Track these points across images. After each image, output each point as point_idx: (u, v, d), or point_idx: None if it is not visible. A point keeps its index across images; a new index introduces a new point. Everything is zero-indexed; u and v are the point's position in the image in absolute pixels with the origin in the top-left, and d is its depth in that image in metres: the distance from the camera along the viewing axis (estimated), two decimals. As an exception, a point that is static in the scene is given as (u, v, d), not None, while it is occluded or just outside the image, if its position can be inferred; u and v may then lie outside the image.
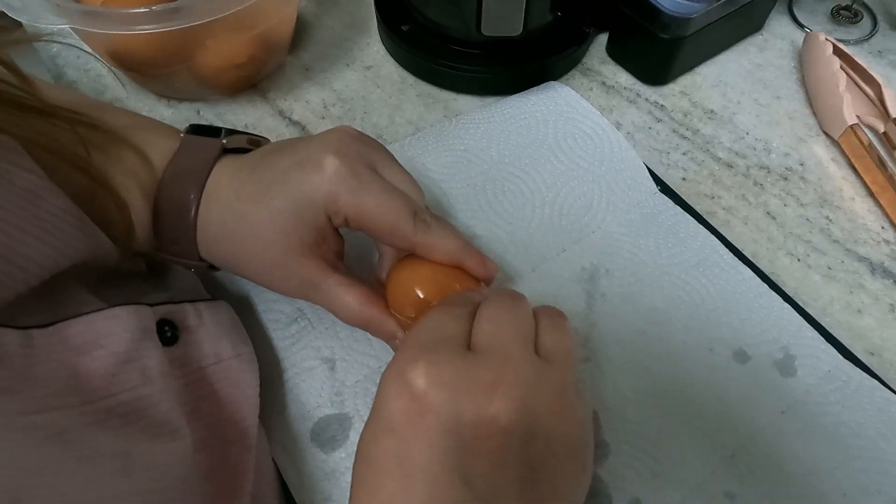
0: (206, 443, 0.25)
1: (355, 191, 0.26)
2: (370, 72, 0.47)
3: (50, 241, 0.22)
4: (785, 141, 0.43)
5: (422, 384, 0.21)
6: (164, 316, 0.27)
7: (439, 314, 0.24)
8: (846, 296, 0.36)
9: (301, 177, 0.27)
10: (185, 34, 0.37)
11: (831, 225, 0.39)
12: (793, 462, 0.30)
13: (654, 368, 0.33)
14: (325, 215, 0.27)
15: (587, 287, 0.35)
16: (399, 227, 0.27)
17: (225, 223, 0.28)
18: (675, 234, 0.37)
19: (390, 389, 0.22)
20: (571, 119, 0.42)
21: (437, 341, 0.23)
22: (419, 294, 0.27)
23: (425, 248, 0.27)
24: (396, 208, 0.27)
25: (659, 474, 0.30)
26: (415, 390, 0.21)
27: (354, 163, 0.27)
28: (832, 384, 0.32)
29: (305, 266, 0.28)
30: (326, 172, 0.26)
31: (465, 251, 0.28)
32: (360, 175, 0.27)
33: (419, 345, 0.23)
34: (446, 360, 0.22)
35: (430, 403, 0.21)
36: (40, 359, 0.21)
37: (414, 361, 0.22)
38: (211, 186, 0.28)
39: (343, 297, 0.28)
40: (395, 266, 0.29)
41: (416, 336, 0.23)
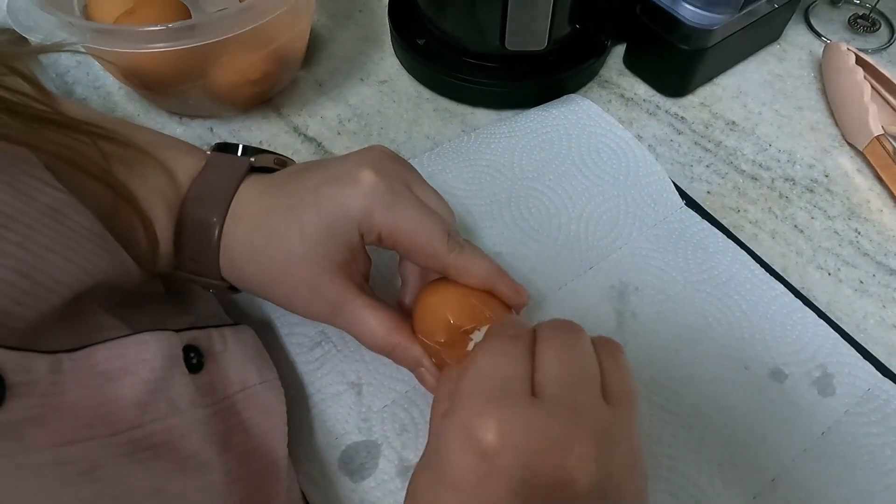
0: (237, 475, 0.24)
1: (392, 207, 0.26)
2: (385, 86, 0.46)
3: (75, 260, 0.21)
4: (809, 152, 0.43)
5: (492, 442, 0.20)
6: (190, 342, 0.26)
7: (497, 355, 0.22)
8: (880, 310, 0.36)
9: (336, 190, 0.26)
10: (201, 51, 0.36)
11: (860, 237, 0.39)
12: (836, 486, 0.29)
13: (689, 389, 0.32)
14: (357, 231, 0.26)
15: (617, 306, 0.35)
16: (433, 246, 0.26)
17: (252, 240, 0.27)
18: (705, 250, 0.36)
19: (455, 444, 0.20)
20: (594, 133, 0.41)
21: (502, 390, 0.21)
22: (450, 319, 0.26)
23: (458, 269, 0.26)
24: (431, 227, 0.26)
25: (700, 501, 0.29)
26: (485, 448, 0.20)
27: (391, 179, 0.26)
28: (873, 403, 0.31)
29: (334, 286, 0.27)
30: (363, 186, 0.26)
31: (498, 275, 0.27)
32: (397, 192, 0.26)
33: (485, 396, 0.21)
34: (516, 416, 0.20)
35: (501, 465, 0.19)
36: (69, 385, 0.20)
37: (482, 416, 0.20)
38: (238, 204, 0.27)
39: (368, 320, 0.27)
40: (423, 289, 0.28)
41: (477, 383, 0.21)
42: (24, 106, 0.23)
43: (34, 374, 0.20)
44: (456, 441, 0.20)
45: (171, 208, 0.28)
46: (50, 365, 0.20)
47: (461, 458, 0.20)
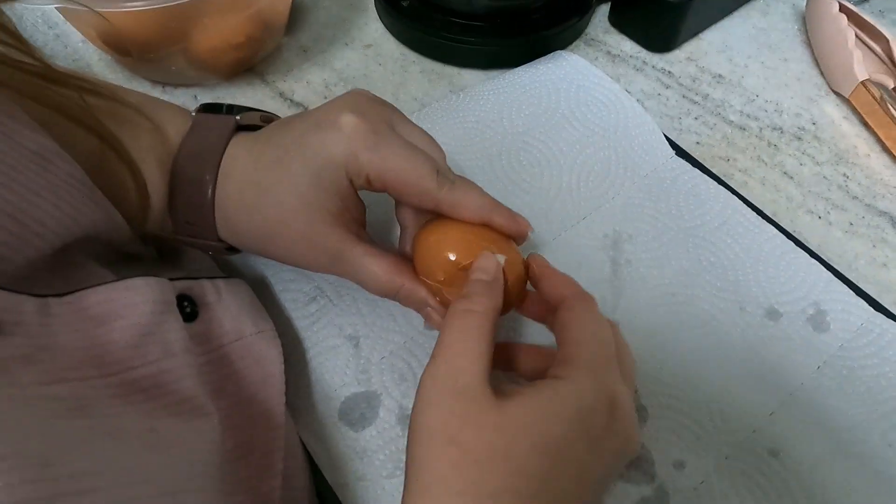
0: (233, 422, 0.24)
1: (376, 147, 0.25)
2: (370, 50, 0.46)
3: (61, 207, 0.21)
4: (795, 102, 0.43)
5: (625, 402, 0.22)
6: (183, 291, 0.25)
7: (609, 333, 0.24)
8: (870, 250, 0.36)
9: (319, 138, 0.25)
10: (180, 13, 0.36)
11: (849, 181, 0.39)
12: (834, 417, 0.29)
13: (687, 331, 0.32)
14: (346, 176, 0.26)
15: (611, 254, 0.35)
16: (423, 183, 0.25)
17: (244, 196, 0.27)
18: (696, 197, 0.37)
19: (591, 394, 0.22)
20: (583, 87, 0.41)
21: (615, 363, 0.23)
22: (450, 256, 0.26)
23: (451, 205, 0.26)
24: (419, 164, 0.25)
25: (700, 436, 0.29)
26: (619, 406, 0.22)
27: (373, 120, 0.26)
28: (866, 337, 0.32)
29: (330, 236, 0.26)
30: (344, 130, 0.25)
31: (493, 207, 0.26)
32: (380, 132, 0.25)
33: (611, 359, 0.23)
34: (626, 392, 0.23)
35: (619, 427, 0.22)
36: (59, 328, 0.20)
37: (617, 382, 0.23)
38: (227, 162, 0.27)
39: (371, 266, 0.27)
40: (421, 230, 0.27)
41: (606, 348, 0.23)
42: (7, 58, 0.22)
43: (23, 314, 0.19)
44: (594, 392, 0.22)
45: (162, 165, 0.27)
46: (39, 307, 0.20)
47: (599, 407, 0.22)
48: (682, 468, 0.28)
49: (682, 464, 0.28)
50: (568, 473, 0.21)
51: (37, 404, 0.17)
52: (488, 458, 0.20)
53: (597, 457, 0.21)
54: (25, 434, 0.16)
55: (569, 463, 0.21)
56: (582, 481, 0.21)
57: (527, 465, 0.20)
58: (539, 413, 0.21)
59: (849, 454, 0.28)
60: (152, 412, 0.21)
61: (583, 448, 0.21)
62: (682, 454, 0.28)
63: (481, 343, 0.22)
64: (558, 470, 0.20)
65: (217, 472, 0.21)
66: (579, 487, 0.21)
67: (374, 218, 0.34)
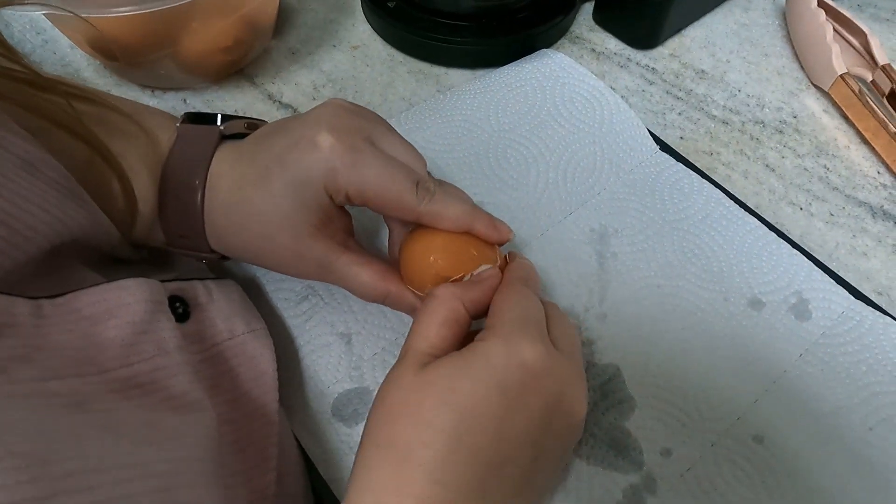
0: (229, 417, 0.24)
1: (353, 166, 0.25)
2: (358, 51, 0.46)
3: (51, 211, 0.22)
4: (777, 96, 0.44)
5: (538, 360, 0.23)
6: (175, 292, 0.26)
7: (534, 303, 0.25)
8: (850, 240, 0.37)
9: (297, 157, 0.26)
10: (169, 17, 0.36)
11: (829, 173, 0.40)
12: (816, 402, 0.30)
13: (673, 321, 0.32)
14: (326, 195, 0.26)
15: (598, 248, 0.35)
16: (402, 198, 0.26)
17: (229, 213, 0.27)
18: (680, 191, 0.37)
19: (501, 353, 0.22)
20: (568, 84, 0.41)
21: (539, 329, 0.24)
22: (435, 269, 0.26)
23: (431, 217, 0.26)
24: (397, 180, 0.26)
25: (686, 424, 0.29)
26: (530, 364, 0.22)
27: (350, 137, 0.26)
28: (847, 324, 0.32)
29: (316, 248, 0.27)
30: (322, 151, 0.25)
31: (472, 216, 0.27)
32: (357, 149, 0.26)
33: (528, 323, 0.24)
34: (552, 355, 0.24)
35: (542, 384, 0.23)
36: (53, 328, 0.20)
37: (533, 343, 0.23)
38: (213, 176, 0.27)
39: (358, 275, 0.27)
40: (406, 239, 0.28)
41: (522, 313, 0.24)
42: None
43: (17, 316, 0.20)
44: (503, 347, 0.23)
45: (151, 172, 0.28)
46: (32, 309, 0.20)
47: (509, 365, 0.22)
48: (668, 456, 0.29)
49: (669, 451, 0.29)
50: (485, 428, 0.21)
51: (34, 401, 0.18)
52: (401, 412, 0.22)
53: (519, 413, 0.22)
54: (23, 433, 0.17)
55: (483, 417, 0.21)
56: (502, 437, 0.22)
57: (435, 420, 0.21)
58: (448, 372, 0.22)
59: (831, 438, 0.29)
60: (149, 407, 0.21)
61: (499, 404, 0.22)
62: (668, 442, 0.29)
63: (431, 325, 0.24)
64: (471, 423, 0.21)
65: (213, 466, 0.22)
66: (501, 443, 0.22)
67: (366, 221, 0.35)
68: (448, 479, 0.20)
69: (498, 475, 0.21)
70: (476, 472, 0.21)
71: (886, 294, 0.35)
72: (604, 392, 0.30)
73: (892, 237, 0.37)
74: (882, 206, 0.38)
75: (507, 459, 0.22)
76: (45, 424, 0.17)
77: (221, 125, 0.29)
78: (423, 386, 0.22)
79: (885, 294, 0.35)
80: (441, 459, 0.20)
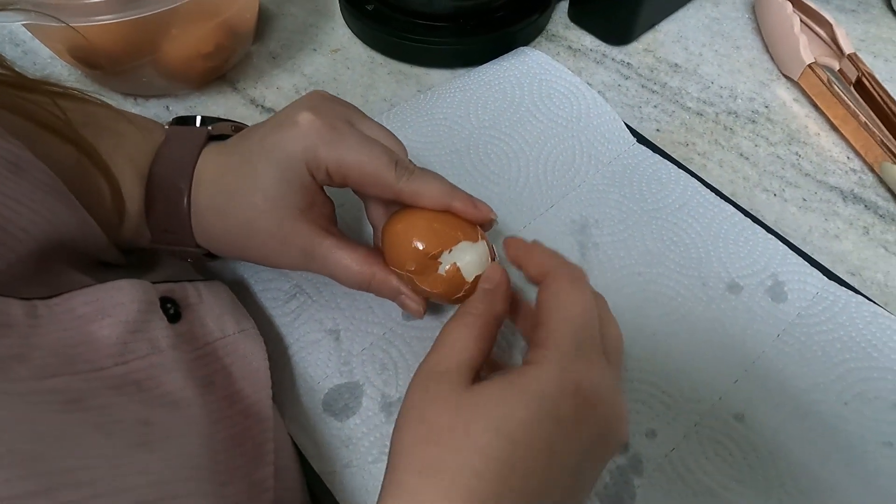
0: (224, 414, 0.25)
1: (333, 142, 0.26)
2: (339, 54, 0.47)
3: (40, 212, 0.22)
4: (748, 87, 0.45)
5: (593, 389, 0.22)
6: (165, 294, 0.26)
7: (590, 310, 0.23)
8: (823, 223, 0.38)
9: (279, 136, 0.26)
10: (150, 23, 0.36)
11: (801, 160, 0.41)
12: (794, 380, 0.31)
13: (654, 308, 0.33)
14: (307, 171, 0.26)
15: (579, 238, 0.36)
16: (380, 174, 0.26)
17: (214, 202, 0.27)
18: (658, 181, 0.38)
19: (556, 380, 0.21)
20: (546, 80, 0.42)
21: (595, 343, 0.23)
22: (416, 246, 0.26)
23: (410, 195, 0.26)
24: (375, 156, 0.26)
25: (670, 406, 0.30)
26: (587, 393, 0.21)
27: (330, 117, 0.27)
28: (821, 304, 0.33)
29: (299, 232, 0.27)
30: (302, 127, 0.26)
31: (451, 193, 0.27)
32: (337, 128, 0.26)
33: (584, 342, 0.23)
34: (605, 375, 0.22)
35: (597, 413, 0.22)
36: (47, 328, 0.20)
37: (589, 367, 0.22)
38: (198, 171, 0.28)
39: (341, 259, 0.27)
40: (388, 221, 0.28)
41: (578, 330, 0.23)
42: None
43: (12, 316, 0.20)
44: (558, 375, 0.21)
45: (138, 172, 0.28)
46: (27, 309, 0.21)
47: (566, 393, 0.21)
48: (653, 437, 0.29)
49: (654, 432, 0.29)
50: (536, 459, 0.20)
51: (31, 400, 0.18)
52: (448, 436, 0.20)
53: (571, 443, 0.21)
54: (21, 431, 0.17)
55: (535, 448, 0.20)
56: (554, 467, 0.21)
57: (486, 447, 0.20)
58: (500, 397, 0.21)
59: (809, 414, 0.30)
60: (145, 403, 0.22)
61: (552, 434, 0.21)
62: (653, 423, 0.30)
63: (469, 339, 0.23)
64: (523, 454, 0.20)
65: (209, 462, 0.22)
66: (553, 473, 0.21)
67: (348, 218, 0.36)
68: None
69: (542, 501, 0.21)
70: (523, 499, 0.20)
71: (859, 274, 0.36)
72: (589, 378, 0.31)
73: (862, 220, 0.38)
74: (852, 189, 0.39)
75: (554, 486, 0.21)
76: (42, 423, 0.18)
77: (209, 126, 0.29)
78: (473, 408, 0.21)
79: (858, 274, 0.36)
80: (492, 490, 0.19)
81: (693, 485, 0.28)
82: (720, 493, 0.28)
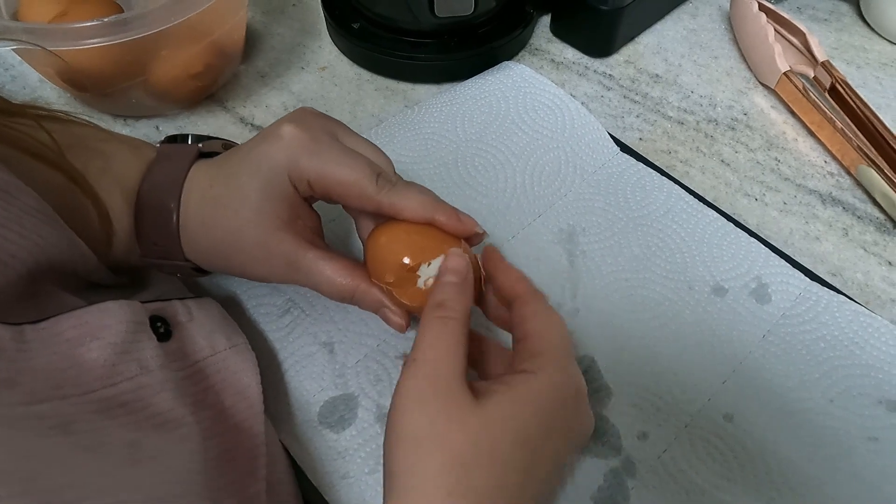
0: (215, 431, 0.25)
1: (315, 153, 0.26)
2: (326, 72, 0.48)
3: (28, 237, 0.22)
4: (727, 95, 0.46)
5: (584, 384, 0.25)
6: (155, 312, 0.26)
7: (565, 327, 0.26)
8: (803, 226, 0.39)
9: (263, 148, 0.27)
10: (139, 46, 0.37)
11: (780, 165, 0.42)
12: (780, 379, 0.32)
13: (642, 312, 0.34)
14: (289, 183, 0.27)
15: (567, 246, 0.37)
16: (361, 186, 0.26)
17: (202, 213, 0.28)
18: (642, 188, 0.39)
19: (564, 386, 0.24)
20: (530, 94, 0.43)
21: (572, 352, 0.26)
22: (394, 258, 0.26)
23: (392, 207, 0.26)
24: (356, 168, 0.26)
25: (661, 408, 0.31)
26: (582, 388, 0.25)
27: (313, 130, 0.27)
28: (804, 304, 0.34)
29: (284, 241, 0.27)
30: (284, 139, 0.27)
31: (434, 206, 0.27)
32: (319, 140, 0.27)
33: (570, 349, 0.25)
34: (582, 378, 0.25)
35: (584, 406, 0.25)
36: (35, 353, 0.20)
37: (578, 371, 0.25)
38: (188, 186, 0.28)
39: (324, 270, 0.27)
40: (370, 234, 0.28)
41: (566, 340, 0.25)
42: None
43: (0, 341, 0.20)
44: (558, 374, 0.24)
45: (125, 192, 0.28)
46: (14, 334, 0.21)
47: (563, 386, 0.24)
48: (645, 439, 0.30)
49: (646, 435, 0.30)
50: (547, 462, 0.22)
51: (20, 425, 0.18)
52: (474, 456, 0.20)
53: (567, 442, 0.23)
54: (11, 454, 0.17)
55: (546, 453, 0.22)
56: (558, 467, 0.23)
57: (511, 460, 0.21)
58: (518, 408, 0.22)
59: (795, 412, 0.31)
60: (133, 425, 0.22)
61: (557, 437, 0.23)
62: (644, 426, 0.30)
63: (458, 346, 0.23)
64: (537, 460, 0.22)
65: (200, 478, 0.22)
66: (555, 472, 0.23)
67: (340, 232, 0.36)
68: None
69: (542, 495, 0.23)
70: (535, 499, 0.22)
71: (839, 274, 0.37)
72: (580, 383, 0.31)
73: (841, 221, 0.39)
74: (830, 192, 0.41)
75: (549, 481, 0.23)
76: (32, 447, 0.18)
77: (200, 144, 0.30)
78: (491, 425, 0.21)
79: (839, 275, 0.37)
80: (518, 495, 0.21)
81: (685, 484, 0.29)
82: (712, 492, 0.28)
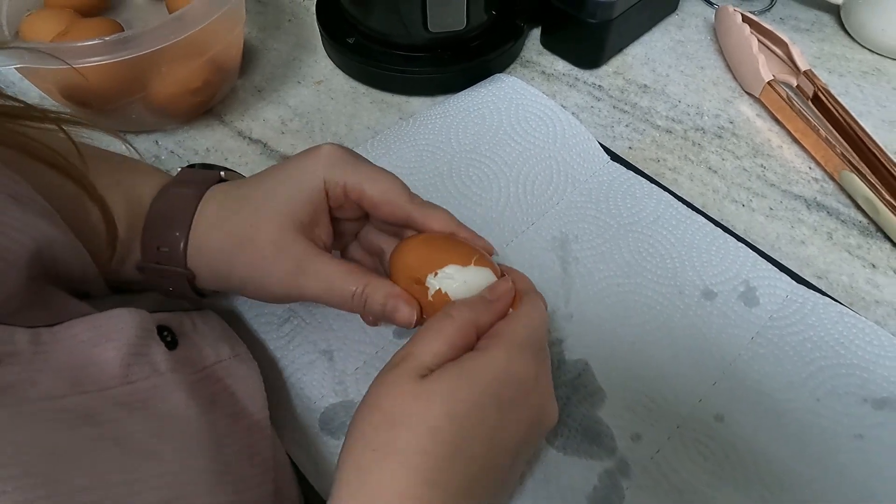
0: (227, 430, 0.25)
1: (354, 164, 0.29)
2: (322, 86, 0.49)
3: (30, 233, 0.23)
4: (714, 104, 0.47)
5: (530, 377, 0.25)
6: (162, 322, 0.27)
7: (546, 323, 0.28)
8: (789, 230, 0.40)
9: (299, 159, 0.29)
10: (139, 63, 0.38)
11: (766, 171, 0.43)
12: (769, 380, 0.33)
13: (634, 316, 0.35)
14: (322, 188, 0.28)
15: (560, 254, 0.38)
16: (396, 194, 0.28)
17: (222, 208, 0.29)
18: (632, 196, 0.40)
19: (503, 366, 0.24)
20: (522, 105, 0.44)
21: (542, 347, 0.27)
22: (404, 267, 0.28)
23: (423, 215, 0.29)
24: (394, 182, 0.29)
25: (653, 410, 0.32)
26: (524, 379, 0.25)
27: (348, 150, 0.29)
28: (791, 307, 0.35)
29: (296, 242, 0.27)
30: (323, 151, 0.29)
31: (457, 223, 0.29)
32: (357, 156, 0.29)
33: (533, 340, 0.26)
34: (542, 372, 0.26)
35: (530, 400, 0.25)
36: (53, 353, 0.21)
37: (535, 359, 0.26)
38: (213, 188, 0.30)
39: (336, 268, 0.27)
40: (397, 248, 0.29)
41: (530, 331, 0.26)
42: None
43: (17, 344, 0.21)
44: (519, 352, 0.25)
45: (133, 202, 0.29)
46: (31, 336, 0.21)
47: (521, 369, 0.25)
48: (638, 440, 0.31)
49: (639, 436, 0.31)
50: (478, 437, 0.23)
51: (44, 419, 0.19)
52: (403, 420, 0.22)
53: (508, 423, 0.24)
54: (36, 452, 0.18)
55: (479, 427, 0.23)
56: (494, 446, 0.23)
57: (439, 429, 0.22)
58: (454, 382, 0.23)
59: (784, 412, 0.32)
60: (154, 419, 0.22)
61: (492, 415, 0.23)
62: (637, 427, 0.31)
63: (438, 340, 0.24)
64: (468, 433, 0.22)
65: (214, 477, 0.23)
66: (491, 451, 0.23)
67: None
68: (444, 484, 0.22)
69: (484, 479, 0.23)
70: (468, 476, 0.22)
71: (825, 277, 0.38)
72: (575, 386, 0.32)
73: (826, 226, 0.40)
74: (815, 198, 0.42)
75: (494, 465, 0.24)
76: (57, 441, 0.18)
77: (222, 172, 0.31)
78: (427, 395, 0.23)
79: (824, 277, 0.38)
80: (440, 466, 0.22)
81: (678, 484, 0.29)
82: (704, 490, 0.29)
